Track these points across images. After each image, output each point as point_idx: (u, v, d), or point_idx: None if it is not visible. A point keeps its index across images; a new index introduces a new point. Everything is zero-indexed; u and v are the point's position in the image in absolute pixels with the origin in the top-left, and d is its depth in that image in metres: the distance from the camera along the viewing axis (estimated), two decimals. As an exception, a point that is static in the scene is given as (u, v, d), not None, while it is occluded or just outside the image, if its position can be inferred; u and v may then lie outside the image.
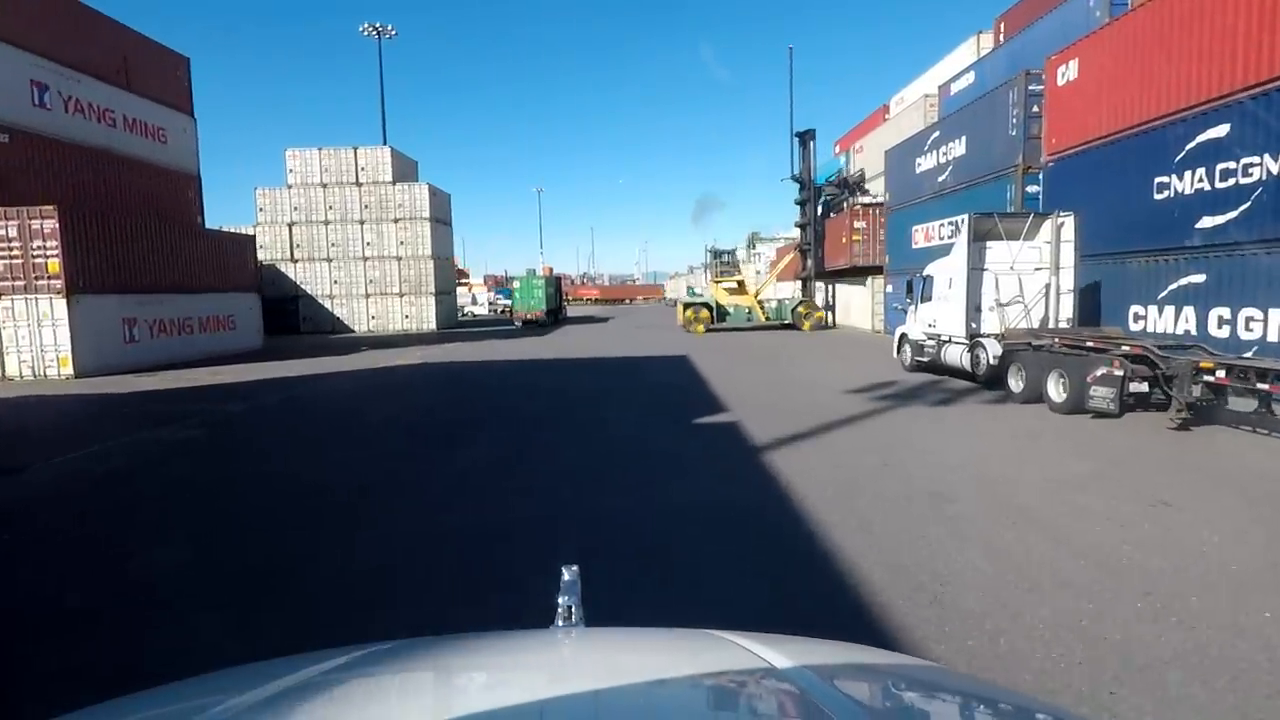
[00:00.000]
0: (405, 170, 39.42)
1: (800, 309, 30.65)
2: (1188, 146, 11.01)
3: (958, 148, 18.93)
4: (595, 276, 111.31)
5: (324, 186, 36.96)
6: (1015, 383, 11.76)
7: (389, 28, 45.76)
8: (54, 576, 5.01)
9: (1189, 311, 11.17)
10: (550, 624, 1.40)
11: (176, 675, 1.21)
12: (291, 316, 37.27)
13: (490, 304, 60.69)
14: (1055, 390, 10.65)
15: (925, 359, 14.95)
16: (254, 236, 29.35)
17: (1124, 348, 9.94)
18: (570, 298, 71.29)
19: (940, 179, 20.04)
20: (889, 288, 24.49)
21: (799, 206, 32.26)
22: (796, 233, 33.72)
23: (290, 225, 37.15)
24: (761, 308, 31.23)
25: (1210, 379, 8.88)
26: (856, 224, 29.43)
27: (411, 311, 37.65)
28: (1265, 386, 8.18)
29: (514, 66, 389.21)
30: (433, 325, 37.40)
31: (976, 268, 13.23)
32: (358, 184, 36.99)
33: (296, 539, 5.58)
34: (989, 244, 13.30)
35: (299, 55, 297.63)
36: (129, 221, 20.42)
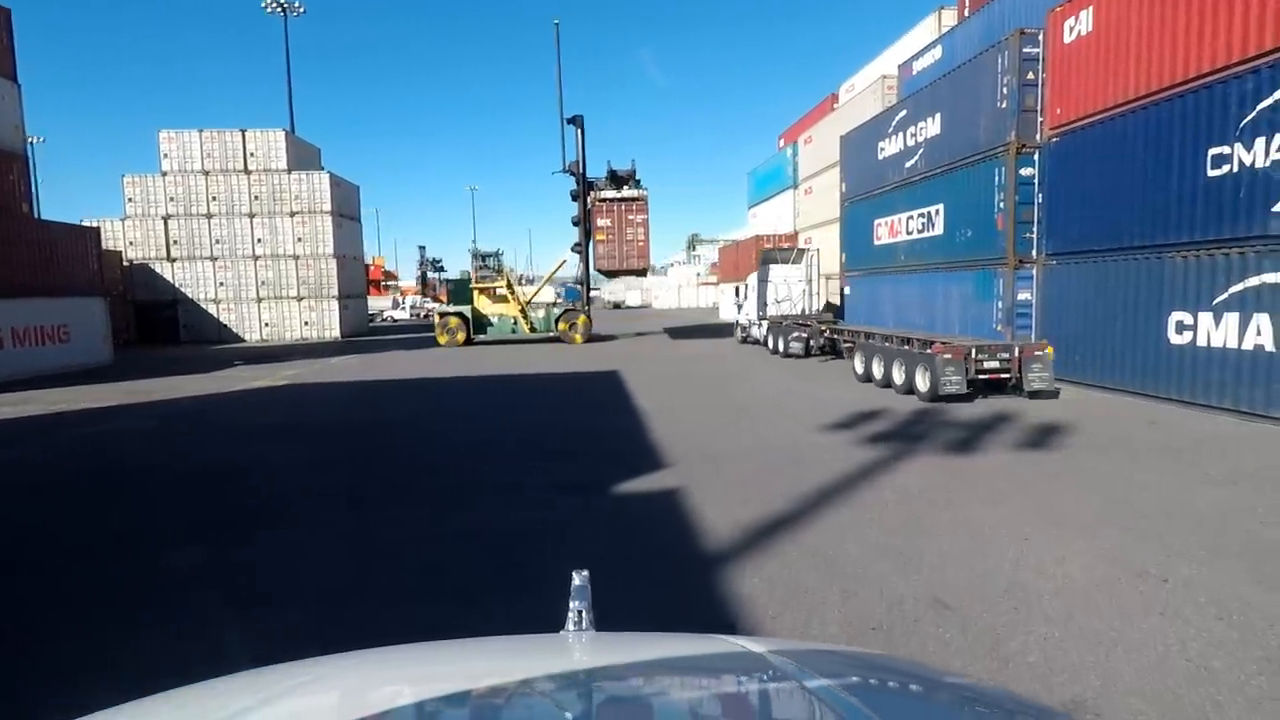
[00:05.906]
0: (304, 157, 34.80)
1: (579, 318, 27.21)
2: (1261, 105, 8.42)
3: (931, 127, 16.24)
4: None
5: (206, 174, 32.09)
6: (771, 343, 20.07)
7: (297, 4, 40.97)
8: None
9: (1262, 321, 8.57)
10: (561, 628, 1.40)
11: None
12: (169, 324, 32.30)
13: (414, 309, 56.19)
14: (781, 345, 19.12)
15: (745, 336, 23.25)
16: (98, 229, 24.35)
17: (808, 321, 19.01)
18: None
19: (909, 164, 17.34)
20: (847, 289, 21.83)
21: (575, 201, 28.65)
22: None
23: (166, 218, 32.15)
24: (526, 317, 27.82)
25: (824, 334, 17.93)
26: (600, 221, 26.56)
27: (312, 318, 33.12)
28: (833, 336, 17.48)
29: (446, 59, 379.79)
30: (336, 333, 33.02)
31: (763, 280, 21.64)
32: (246, 171, 32.24)
33: None
34: (771, 266, 21.71)
35: (204, 34, 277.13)
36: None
